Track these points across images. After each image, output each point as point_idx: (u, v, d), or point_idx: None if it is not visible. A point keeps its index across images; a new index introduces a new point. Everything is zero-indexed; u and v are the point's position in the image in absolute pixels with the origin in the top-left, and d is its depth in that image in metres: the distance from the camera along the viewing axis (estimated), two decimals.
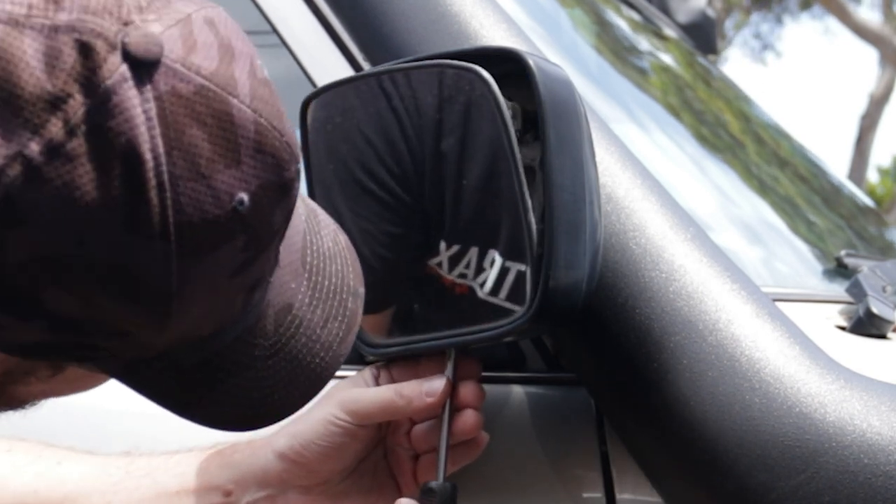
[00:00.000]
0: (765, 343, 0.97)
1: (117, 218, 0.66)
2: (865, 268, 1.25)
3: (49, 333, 0.69)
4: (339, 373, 1.19)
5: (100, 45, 0.65)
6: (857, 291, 1.18)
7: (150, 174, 0.66)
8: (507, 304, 0.99)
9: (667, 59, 2.14)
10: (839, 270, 1.51)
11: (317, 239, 0.82)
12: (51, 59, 0.65)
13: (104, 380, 0.79)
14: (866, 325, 1.14)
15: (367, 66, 1.14)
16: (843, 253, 1.51)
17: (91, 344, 0.71)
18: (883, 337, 1.15)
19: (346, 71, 1.15)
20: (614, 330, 1.00)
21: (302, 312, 0.79)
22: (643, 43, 2.09)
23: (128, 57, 0.66)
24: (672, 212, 1.04)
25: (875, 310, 1.14)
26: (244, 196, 0.69)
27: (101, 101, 0.65)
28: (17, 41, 0.64)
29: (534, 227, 0.95)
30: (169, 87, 0.66)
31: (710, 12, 2.45)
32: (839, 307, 1.21)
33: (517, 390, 1.11)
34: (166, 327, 0.70)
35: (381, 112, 1.02)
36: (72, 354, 0.72)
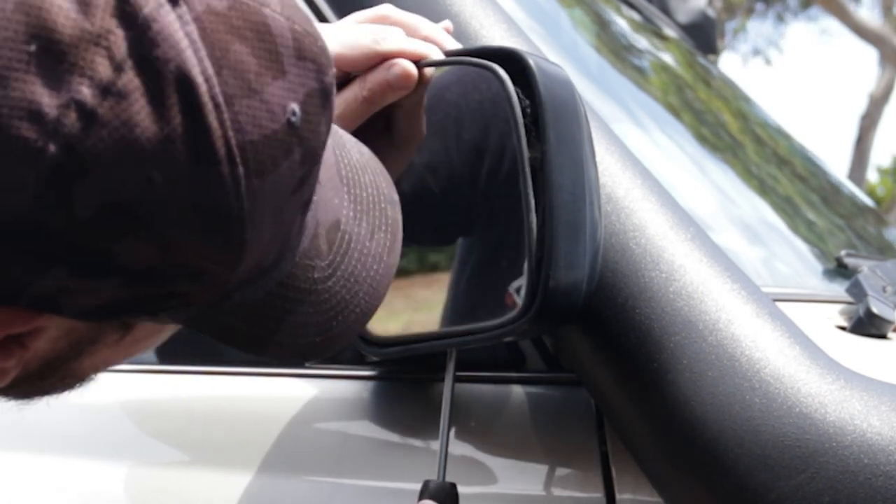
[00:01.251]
0: (765, 343, 0.97)
1: (181, 149, 0.64)
2: (865, 268, 1.25)
3: (124, 289, 0.67)
4: (348, 373, 1.19)
5: None
6: (857, 291, 1.18)
7: (206, 98, 0.64)
8: None
9: (667, 59, 2.14)
10: (839, 270, 1.51)
11: (344, 152, 0.81)
12: None
13: (170, 332, 0.78)
14: (866, 325, 1.14)
15: None
16: (843, 253, 1.51)
17: (167, 293, 0.69)
18: (883, 337, 1.15)
19: None
20: (614, 330, 1.00)
21: (349, 227, 0.78)
22: (643, 43, 2.09)
23: None
24: (672, 212, 1.04)
25: (875, 310, 1.14)
26: (295, 106, 0.68)
27: (141, 30, 0.63)
28: None
29: (534, 227, 0.95)
30: (204, 5, 0.65)
31: (710, 12, 2.45)
32: (839, 307, 1.21)
33: (517, 390, 1.12)
34: (240, 259, 0.69)
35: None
36: (146, 308, 0.70)
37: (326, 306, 0.76)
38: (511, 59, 0.98)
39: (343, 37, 0.95)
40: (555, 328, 1.04)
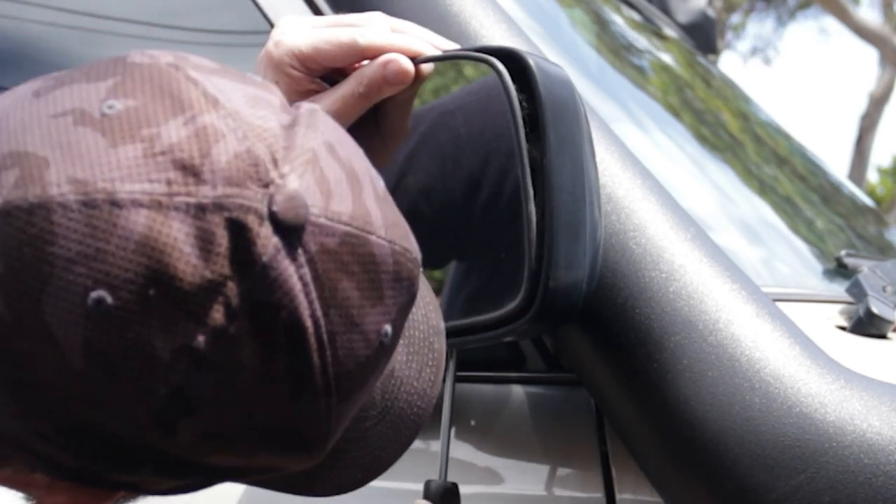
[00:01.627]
0: (765, 343, 0.97)
1: (283, 387, 0.65)
2: (865, 268, 1.25)
3: (203, 482, 0.71)
4: None
5: (251, 220, 0.63)
6: (857, 291, 1.18)
7: (312, 339, 0.65)
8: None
9: (667, 59, 2.14)
10: (839, 270, 1.51)
11: None
12: (204, 244, 0.62)
13: None
14: (866, 325, 1.14)
15: None
16: (843, 253, 1.51)
17: (240, 479, 0.73)
18: (883, 337, 1.15)
19: None
20: (614, 330, 1.00)
21: (401, 372, 0.79)
22: (643, 43, 2.09)
23: (278, 226, 0.64)
24: (672, 212, 1.04)
25: (875, 310, 1.14)
26: (388, 328, 0.69)
27: (259, 278, 0.63)
28: (166, 227, 0.62)
29: (534, 223, 0.95)
30: (318, 245, 0.65)
31: (710, 12, 2.45)
32: (839, 307, 1.21)
33: (517, 390, 1.12)
34: (317, 459, 0.71)
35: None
36: (221, 481, 0.73)
37: (372, 447, 0.78)
38: (511, 59, 0.98)
39: (322, 31, 0.94)
40: (555, 328, 1.04)
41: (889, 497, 0.90)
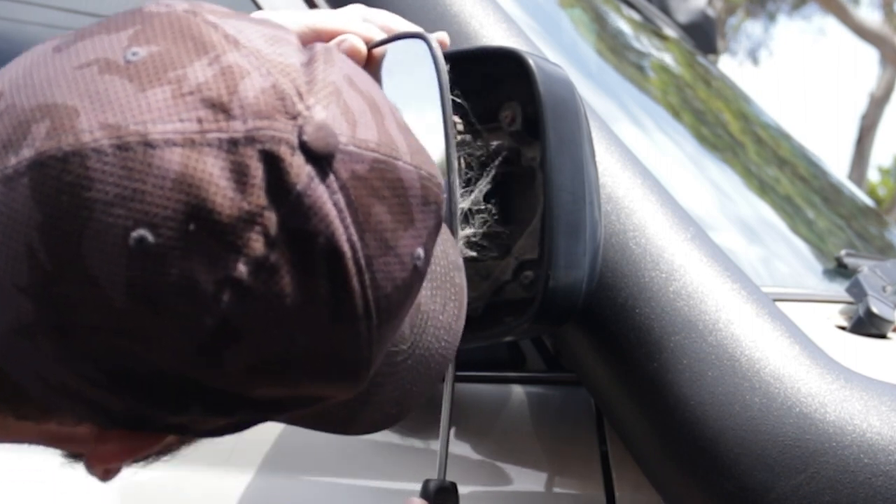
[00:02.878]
0: (765, 343, 0.97)
1: (323, 311, 0.67)
2: (865, 268, 1.25)
3: (250, 417, 0.72)
4: None
5: (283, 151, 0.65)
6: (857, 291, 1.18)
7: (350, 263, 0.66)
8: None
9: (667, 59, 2.14)
10: (839, 270, 1.51)
11: None
12: (240, 177, 0.64)
13: None
14: (866, 324, 1.14)
15: None
16: (843, 253, 1.51)
17: (285, 413, 0.74)
18: (883, 337, 1.15)
19: None
20: (614, 330, 1.00)
21: (427, 306, 0.80)
22: (643, 43, 2.09)
23: (309, 155, 0.65)
24: (672, 212, 1.04)
25: (875, 310, 1.14)
26: (420, 251, 0.71)
27: (294, 206, 0.65)
28: (201, 164, 0.63)
29: (458, 196, 0.94)
30: (349, 172, 0.66)
31: (710, 12, 2.45)
32: (839, 307, 1.21)
33: (517, 390, 1.12)
34: (358, 387, 0.72)
35: None
36: (266, 419, 0.74)
37: (403, 382, 0.79)
38: (511, 59, 0.98)
39: (294, 15, 0.96)
40: (555, 328, 1.04)
41: (889, 497, 0.90)
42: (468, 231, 0.99)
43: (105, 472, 0.75)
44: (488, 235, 1.02)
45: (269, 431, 1.18)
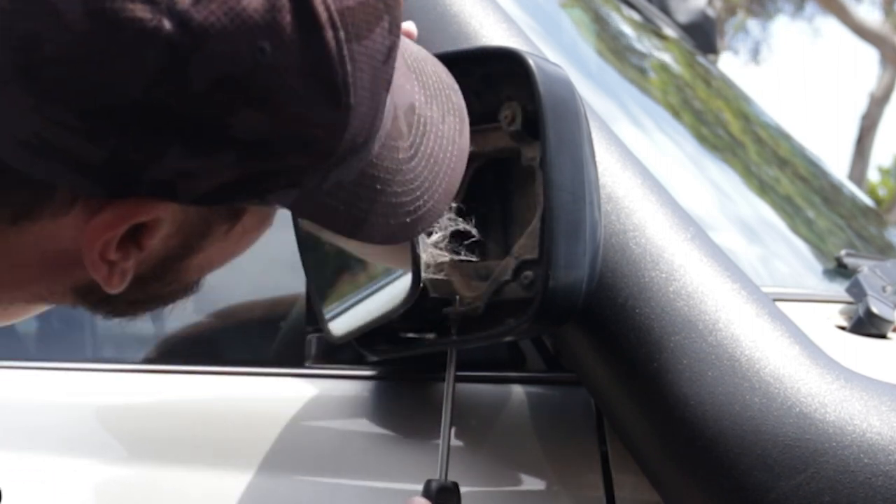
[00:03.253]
0: (765, 343, 0.97)
1: (286, 17, 0.67)
2: (865, 268, 1.25)
3: (238, 167, 0.70)
4: (348, 373, 1.19)
5: None
6: (857, 291, 1.18)
7: None
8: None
9: (667, 59, 2.14)
10: (839, 270, 1.51)
11: (406, 43, 0.84)
12: None
13: (269, 225, 0.81)
14: (866, 325, 1.14)
15: None
16: (843, 253, 1.51)
17: (277, 168, 0.72)
18: (883, 337, 1.15)
19: None
20: (614, 330, 1.00)
21: (423, 111, 0.81)
22: (643, 43, 2.09)
23: None
24: (672, 212, 1.04)
25: (875, 310, 1.14)
26: None
27: None
28: None
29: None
30: None
31: (710, 12, 2.45)
32: (839, 307, 1.21)
33: (517, 390, 1.12)
34: (345, 126, 0.72)
35: None
36: (257, 189, 0.73)
37: (413, 186, 0.79)
38: (511, 59, 0.98)
39: None
40: (555, 328, 1.04)
41: (889, 497, 0.90)
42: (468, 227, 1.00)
43: (110, 271, 0.74)
44: (488, 235, 1.02)
45: (269, 431, 1.18)
